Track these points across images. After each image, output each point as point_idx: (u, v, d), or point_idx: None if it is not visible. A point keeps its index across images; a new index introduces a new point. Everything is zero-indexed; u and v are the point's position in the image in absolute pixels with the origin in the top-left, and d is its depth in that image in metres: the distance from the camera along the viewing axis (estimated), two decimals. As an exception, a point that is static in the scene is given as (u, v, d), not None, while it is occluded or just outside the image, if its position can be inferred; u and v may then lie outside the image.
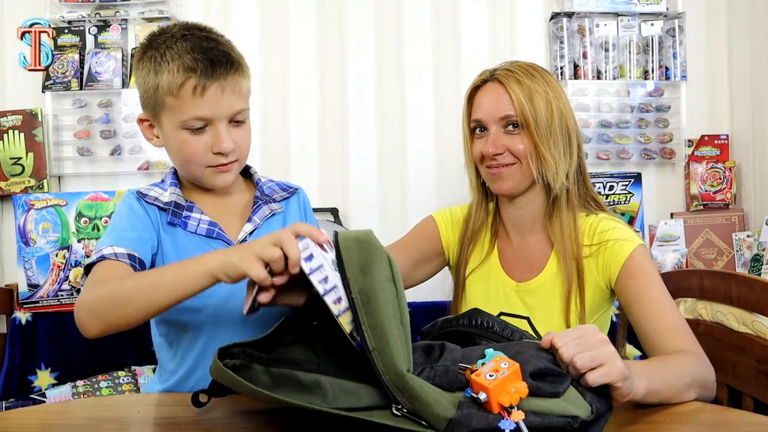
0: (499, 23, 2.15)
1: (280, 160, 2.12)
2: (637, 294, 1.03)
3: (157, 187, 1.01)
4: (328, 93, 2.13)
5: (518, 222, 1.18)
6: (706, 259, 2.09)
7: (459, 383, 0.66)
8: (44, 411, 0.92)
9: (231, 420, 0.79)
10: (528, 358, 0.68)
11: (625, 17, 2.13)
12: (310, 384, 0.67)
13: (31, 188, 2.02)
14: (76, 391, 1.78)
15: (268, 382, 0.69)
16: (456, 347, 0.71)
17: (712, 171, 2.12)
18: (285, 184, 1.12)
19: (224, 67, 0.92)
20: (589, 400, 0.67)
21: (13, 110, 2.04)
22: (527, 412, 0.63)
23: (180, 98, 0.91)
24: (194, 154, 0.94)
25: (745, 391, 1.25)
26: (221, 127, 0.93)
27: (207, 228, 0.98)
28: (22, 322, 1.85)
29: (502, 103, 1.10)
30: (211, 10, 2.13)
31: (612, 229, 1.10)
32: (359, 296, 0.68)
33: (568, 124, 1.12)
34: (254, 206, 1.03)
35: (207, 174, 0.97)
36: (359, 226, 2.10)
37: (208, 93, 0.91)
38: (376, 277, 0.68)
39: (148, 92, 0.94)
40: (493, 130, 1.11)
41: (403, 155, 2.13)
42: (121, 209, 0.99)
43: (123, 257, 0.90)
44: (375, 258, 0.70)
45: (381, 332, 0.66)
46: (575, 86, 2.10)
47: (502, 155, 1.10)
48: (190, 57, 0.90)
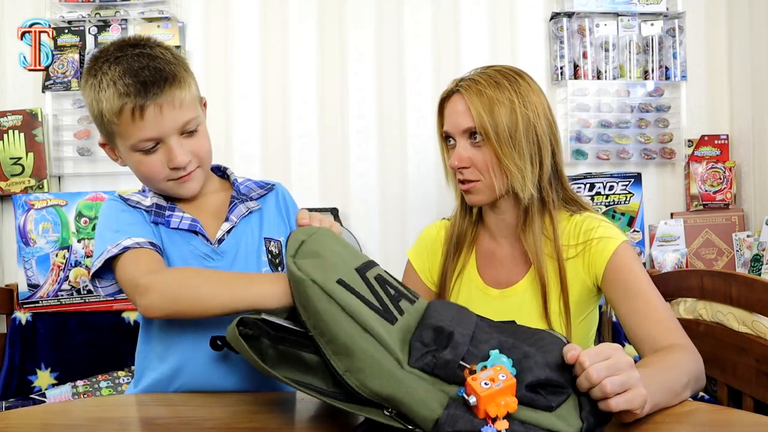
0: (499, 23, 2.15)
1: (280, 160, 2.12)
2: (623, 289, 1.04)
3: (138, 195, 1.03)
4: (328, 93, 2.13)
5: (501, 227, 1.18)
6: (706, 259, 2.09)
7: (456, 378, 0.67)
8: (44, 411, 0.92)
9: (231, 420, 0.79)
10: (531, 365, 0.68)
11: (625, 17, 2.13)
12: (313, 364, 0.71)
13: (31, 188, 2.02)
14: (76, 391, 1.79)
15: (274, 356, 0.74)
16: (465, 340, 0.71)
17: (712, 171, 2.12)
18: (262, 181, 1.12)
19: (157, 86, 0.91)
20: (584, 415, 0.67)
21: (13, 110, 2.04)
22: (514, 421, 0.63)
23: (122, 124, 0.92)
24: (153, 173, 0.96)
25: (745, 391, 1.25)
26: (172, 142, 0.94)
27: (189, 223, 0.99)
28: (22, 322, 1.85)
29: (464, 116, 1.10)
30: (211, 10, 2.13)
31: (596, 227, 1.10)
32: (314, 331, 0.71)
33: (536, 131, 1.09)
34: (231, 205, 1.04)
35: (171, 186, 0.99)
36: (359, 226, 2.10)
37: (147, 114, 0.91)
38: (319, 305, 0.71)
39: (97, 119, 0.96)
40: (460, 142, 1.12)
41: (403, 155, 2.13)
42: (111, 211, 1.00)
43: (146, 245, 0.92)
44: (317, 279, 0.73)
45: (348, 352, 0.68)
46: (575, 86, 2.10)
47: (468, 170, 1.11)
48: (122, 83, 0.91)
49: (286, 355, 0.73)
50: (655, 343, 0.96)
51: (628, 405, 0.68)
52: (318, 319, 0.71)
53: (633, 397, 0.69)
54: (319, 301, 0.71)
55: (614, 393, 0.67)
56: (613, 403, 0.67)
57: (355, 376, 0.67)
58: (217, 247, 1.00)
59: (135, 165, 0.97)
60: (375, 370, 0.67)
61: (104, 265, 0.93)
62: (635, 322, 1.00)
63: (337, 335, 0.69)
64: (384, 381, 0.66)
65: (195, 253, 0.99)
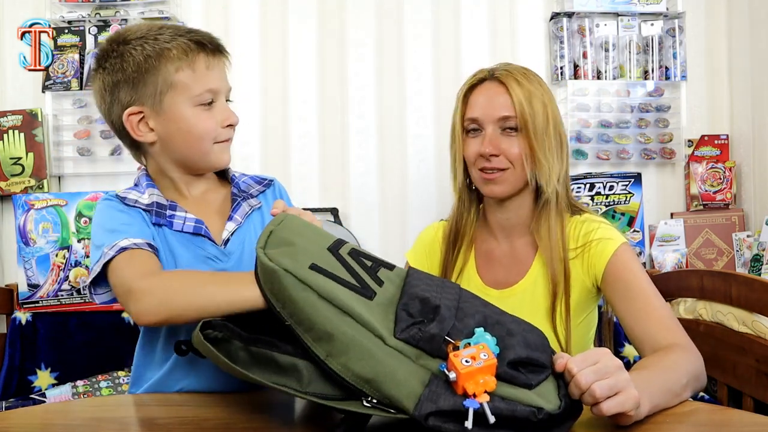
0: (499, 23, 2.15)
1: (280, 160, 2.12)
2: (623, 290, 1.04)
3: (133, 191, 0.99)
4: (328, 93, 2.14)
5: (505, 226, 1.18)
6: (706, 259, 2.09)
7: (440, 353, 0.68)
8: (44, 411, 0.92)
9: (231, 420, 0.79)
10: (514, 343, 0.69)
11: (625, 17, 2.13)
12: (287, 366, 0.69)
13: (31, 188, 2.02)
14: (76, 391, 1.79)
15: (246, 359, 0.71)
16: (451, 314, 0.71)
17: (712, 171, 2.12)
18: (259, 177, 1.10)
19: (222, 48, 0.98)
20: (562, 395, 0.67)
21: (13, 110, 2.04)
22: (495, 396, 0.64)
23: (192, 73, 0.93)
24: (208, 129, 0.95)
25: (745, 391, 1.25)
26: (224, 103, 0.98)
27: (194, 225, 0.97)
28: (22, 322, 1.85)
29: (501, 103, 1.10)
30: (211, 10, 2.13)
31: (596, 229, 1.10)
32: (291, 320, 0.70)
33: (560, 130, 1.13)
34: (233, 204, 1.02)
35: (216, 150, 0.98)
36: (359, 226, 2.10)
37: (217, 67, 0.96)
38: (294, 294, 0.70)
39: (145, 79, 0.92)
40: (490, 129, 1.10)
41: (403, 155, 2.13)
42: (106, 211, 0.96)
43: (143, 246, 0.89)
44: (287, 267, 0.72)
45: (328, 337, 0.67)
46: (575, 86, 2.10)
47: (497, 158, 1.10)
48: (195, 36, 0.95)
49: (258, 357, 0.71)
50: (656, 343, 0.96)
51: (620, 408, 0.68)
52: (295, 308, 0.70)
53: (624, 400, 0.68)
54: (294, 290, 0.70)
55: (604, 397, 0.67)
56: (604, 407, 0.67)
57: (337, 360, 0.67)
58: (224, 248, 0.98)
59: (191, 122, 0.94)
60: (357, 351, 0.66)
61: (101, 269, 0.88)
62: (635, 321, 1.01)
63: (315, 322, 0.68)
64: (365, 362, 0.66)
65: (202, 255, 0.96)
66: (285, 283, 0.71)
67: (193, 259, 0.96)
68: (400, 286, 0.76)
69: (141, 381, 0.98)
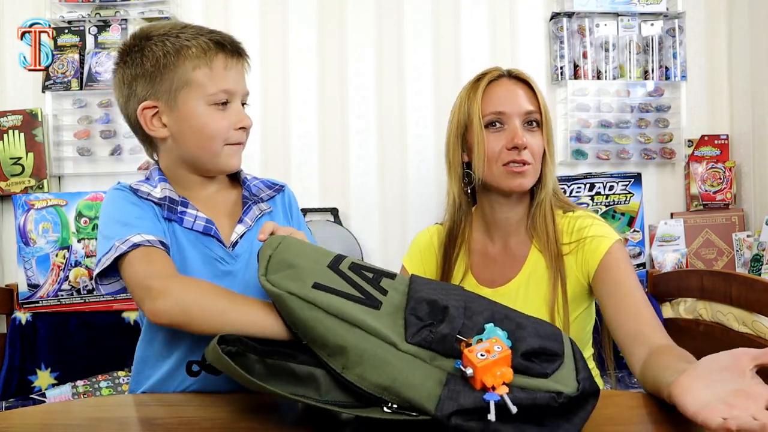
0: (499, 23, 2.15)
1: (280, 160, 2.12)
2: (614, 287, 1.04)
3: (146, 184, 0.99)
4: (328, 93, 2.14)
5: (503, 224, 1.19)
6: (706, 259, 2.09)
7: (453, 352, 0.68)
8: (44, 411, 0.92)
9: (231, 420, 0.79)
10: (525, 335, 0.70)
11: (625, 17, 2.13)
12: (304, 376, 0.70)
13: (31, 188, 2.02)
14: (76, 391, 1.79)
15: (262, 372, 0.72)
16: (459, 313, 0.72)
17: (712, 171, 2.12)
18: (270, 181, 1.09)
19: (242, 51, 0.98)
20: (581, 378, 0.67)
21: (13, 110, 2.04)
22: (514, 388, 0.64)
23: (210, 72, 0.93)
24: (220, 129, 0.95)
25: (745, 391, 1.25)
26: (239, 105, 0.97)
27: (204, 225, 0.96)
28: (22, 322, 1.85)
29: (527, 99, 1.13)
30: (211, 10, 2.13)
31: (590, 225, 1.12)
32: (306, 339, 0.71)
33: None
34: (244, 206, 1.01)
35: (225, 153, 0.97)
36: (359, 226, 2.10)
37: (235, 68, 0.96)
38: (302, 314, 0.71)
39: (162, 74, 0.93)
40: (515, 123, 1.12)
41: (403, 155, 2.13)
42: (119, 202, 0.95)
43: (156, 243, 0.88)
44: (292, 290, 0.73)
45: (342, 351, 0.68)
46: (575, 86, 2.10)
47: (526, 151, 1.11)
48: (216, 36, 0.95)
49: (274, 369, 0.71)
50: (646, 339, 0.95)
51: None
52: (306, 328, 0.71)
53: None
54: (302, 311, 0.71)
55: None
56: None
57: (353, 372, 0.67)
58: (232, 250, 0.97)
59: (203, 121, 0.94)
60: (371, 360, 0.67)
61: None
62: (625, 319, 1.00)
63: (326, 338, 0.69)
64: (381, 370, 0.66)
65: (210, 255, 0.96)
66: (292, 306, 0.72)
67: (200, 258, 0.95)
68: (404, 293, 0.76)
69: (141, 381, 0.98)
